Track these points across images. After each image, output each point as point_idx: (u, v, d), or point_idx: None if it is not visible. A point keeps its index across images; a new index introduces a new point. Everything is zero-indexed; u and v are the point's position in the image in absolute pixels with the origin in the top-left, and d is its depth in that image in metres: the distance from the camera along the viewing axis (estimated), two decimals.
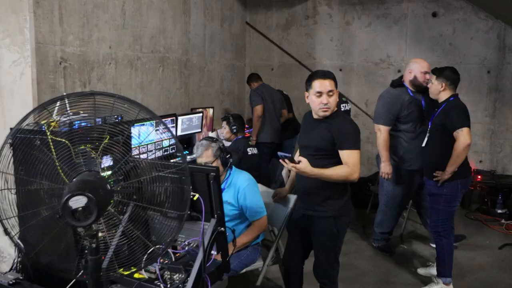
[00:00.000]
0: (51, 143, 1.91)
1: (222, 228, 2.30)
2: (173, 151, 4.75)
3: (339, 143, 2.69)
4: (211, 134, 5.57)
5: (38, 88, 3.37)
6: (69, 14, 3.59)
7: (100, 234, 1.74)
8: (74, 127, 2.58)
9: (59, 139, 1.95)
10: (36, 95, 3.35)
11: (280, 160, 2.65)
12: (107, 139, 2.59)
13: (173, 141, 4.75)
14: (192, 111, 5.34)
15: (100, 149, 2.25)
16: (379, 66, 6.48)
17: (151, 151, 4.41)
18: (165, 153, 4.63)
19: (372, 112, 6.69)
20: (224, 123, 4.38)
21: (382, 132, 4.07)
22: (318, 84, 2.70)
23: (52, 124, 2.16)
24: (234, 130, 4.31)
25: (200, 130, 5.34)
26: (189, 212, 2.40)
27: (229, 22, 6.51)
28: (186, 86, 5.50)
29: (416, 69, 4.01)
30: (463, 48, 5.94)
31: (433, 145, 3.56)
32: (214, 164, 2.88)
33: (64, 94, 1.68)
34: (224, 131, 4.38)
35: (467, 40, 5.94)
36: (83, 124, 2.52)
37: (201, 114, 5.30)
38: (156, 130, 4.47)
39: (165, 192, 1.91)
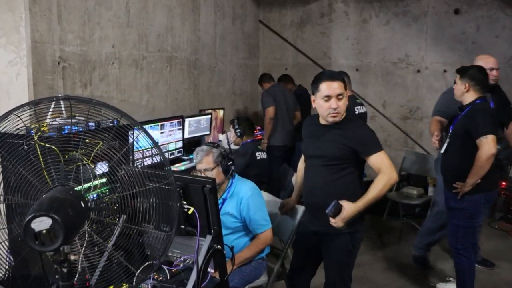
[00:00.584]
0: (38, 149, 1.74)
1: (219, 246, 2.10)
2: (180, 154, 4.57)
3: (364, 150, 2.48)
4: (221, 137, 5.37)
5: (35, 89, 3.21)
6: (68, 12, 3.42)
7: (73, 257, 1.55)
8: (63, 132, 2.40)
9: (47, 144, 1.78)
10: (32, 96, 3.19)
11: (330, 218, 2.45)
12: (100, 145, 2.40)
13: (180, 144, 4.57)
14: (201, 113, 5.15)
15: (91, 156, 2.08)
16: (398, 66, 6.21)
17: (155, 155, 4.22)
18: (171, 156, 4.45)
19: (390, 114, 6.53)
20: (230, 126, 4.18)
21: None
22: (326, 87, 2.47)
23: (43, 128, 1.99)
24: (238, 134, 4.09)
25: (208, 132, 5.14)
26: (183, 227, 2.22)
27: (241, 20, 6.30)
28: (195, 87, 5.31)
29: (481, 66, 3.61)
30: (487, 47, 5.60)
31: (453, 152, 3.24)
32: (214, 172, 2.68)
33: (34, 100, 1.50)
34: (231, 135, 4.17)
35: (491, 38, 5.62)
36: (74, 129, 2.34)
37: (209, 116, 5.11)
38: (162, 133, 4.30)
39: (150, 208, 1.71)
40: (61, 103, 1.65)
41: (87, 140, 1.99)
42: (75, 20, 3.49)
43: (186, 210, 2.13)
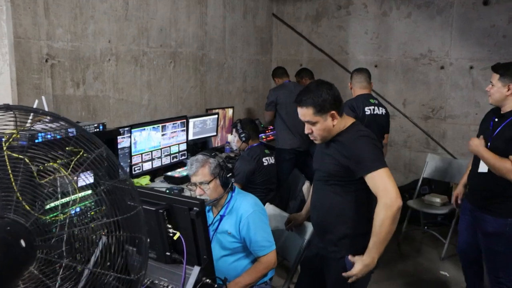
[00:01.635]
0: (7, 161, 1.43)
1: (208, 280, 1.78)
2: (183, 158, 4.26)
3: (356, 169, 2.12)
4: (230, 137, 5.03)
5: (19, 89, 2.93)
6: (57, 4, 3.12)
7: None
8: (36, 140, 2.09)
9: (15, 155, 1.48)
10: (16, 97, 2.91)
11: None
12: (81, 153, 2.10)
13: (184, 146, 4.25)
14: (207, 112, 4.83)
15: (70, 167, 1.76)
16: (419, 62, 5.79)
17: (157, 158, 3.93)
18: (174, 160, 4.15)
19: (411, 113, 6.12)
20: (234, 130, 3.83)
21: None
22: (298, 110, 2.24)
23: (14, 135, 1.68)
24: (243, 139, 3.75)
25: (215, 133, 4.82)
26: (168, 254, 1.90)
27: (253, 13, 5.95)
28: (202, 84, 5.00)
29: None
30: None
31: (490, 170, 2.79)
32: (211, 185, 2.36)
33: None
34: (234, 140, 3.83)
35: None
36: (49, 136, 2.04)
37: (216, 116, 4.78)
38: (163, 135, 3.99)
39: (108, 245, 1.39)
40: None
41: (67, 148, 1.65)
42: (65, 13, 3.19)
43: (171, 235, 1.81)
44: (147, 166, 3.82)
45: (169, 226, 1.80)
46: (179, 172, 3.88)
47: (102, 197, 1.40)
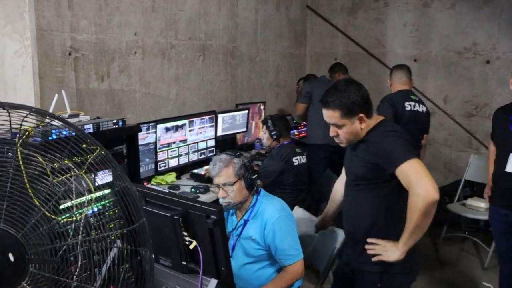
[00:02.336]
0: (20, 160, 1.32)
1: None
2: (212, 154, 4.12)
3: (386, 164, 1.92)
4: (261, 133, 4.84)
5: (42, 83, 2.84)
6: None
7: None
8: (50, 138, 1.98)
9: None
10: (38, 91, 2.82)
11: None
12: (97, 151, 1.97)
13: (212, 142, 4.11)
14: (237, 107, 4.67)
15: (86, 165, 1.65)
16: (463, 56, 5.46)
17: (184, 154, 3.81)
18: (201, 156, 4.01)
19: (452, 110, 5.78)
20: (264, 127, 3.65)
21: None
22: (323, 112, 2.07)
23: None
24: (275, 137, 3.56)
25: (245, 129, 4.66)
26: (184, 263, 1.75)
27: (286, 5, 5.75)
28: (232, 78, 4.84)
29: None
30: None
31: None
32: (236, 187, 2.20)
33: None
34: (264, 137, 3.65)
35: None
36: (64, 133, 1.93)
37: (246, 111, 4.62)
38: (190, 131, 3.86)
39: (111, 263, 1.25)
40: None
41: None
42: (89, 5, 3.08)
43: (187, 243, 1.67)
44: (173, 162, 3.70)
45: (185, 233, 1.66)
46: (206, 170, 3.75)
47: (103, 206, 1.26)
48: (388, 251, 1.93)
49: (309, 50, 6.49)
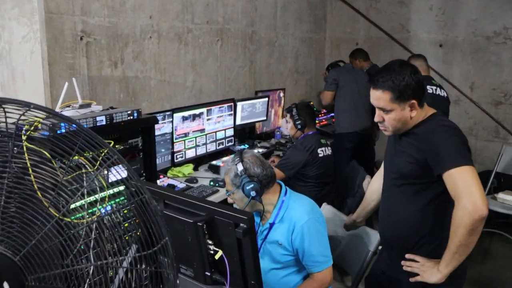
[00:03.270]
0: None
1: None
2: (230, 144, 3.93)
3: (434, 164, 1.70)
4: (283, 123, 4.63)
5: (51, 69, 2.66)
6: None
7: None
8: (59, 131, 1.80)
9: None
10: (47, 78, 2.64)
11: None
12: (111, 145, 1.79)
13: (230, 132, 3.92)
14: (256, 95, 4.47)
15: (98, 162, 1.47)
16: (492, 41, 5.18)
17: (202, 144, 3.62)
18: (220, 147, 3.82)
19: (479, 98, 5.50)
20: (288, 116, 3.43)
21: None
22: (370, 91, 1.83)
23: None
24: (299, 126, 3.34)
25: (265, 118, 4.46)
26: (208, 274, 1.57)
27: None
28: (251, 64, 4.63)
29: None
30: None
31: None
32: (235, 196, 2.03)
33: None
34: (288, 127, 3.43)
35: None
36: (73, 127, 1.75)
37: (266, 99, 4.41)
38: (208, 120, 3.67)
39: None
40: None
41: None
42: None
43: (212, 253, 1.48)
44: (190, 153, 3.52)
45: (210, 242, 1.47)
46: (225, 161, 3.56)
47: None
48: (428, 271, 1.74)
49: (329, 35, 6.25)
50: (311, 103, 5.50)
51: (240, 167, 1.96)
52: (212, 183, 3.14)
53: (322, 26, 6.07)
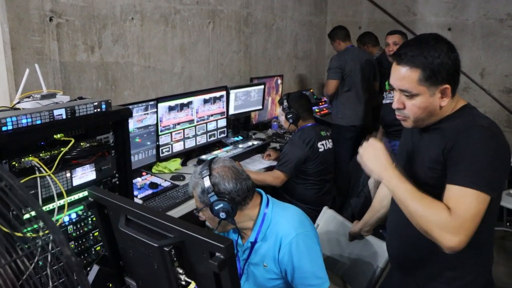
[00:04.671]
0: None
1: None
2: (223, 136, 3.63)
3: (449, 171, 1.38)
4: (279, 114, 4.29)
5: (15, 54, 2.35)
6: None
7: None
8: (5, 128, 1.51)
9: None
10: (10, 64, 2.33)
11: None
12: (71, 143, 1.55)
13: (223, 122, 3.61)
14: (252, 82, 4.15)
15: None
16: (505, 24, 4.88)
17: (192, 137, 3.32)
18: (211, 139, 3.52)
19: (490, 85, 5.16)
20: (280, 109, 3.10)
21: None
22: (392, 69, 1.47)
23: None
24: (291, 120, 3.00)
25: (261, 107, 4.14)
26: None
27: None
28: (246, 49, 4.30)
29: None
30: None
31: None
32: (205, 215, 1.69)
33: None
34: (281, 120, 3.11)
35: None
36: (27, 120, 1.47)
37: (262, 87, 4.09)
38: (198, 109, 3.35)
39: None
40: None
41: None
42: None
43: (183, 283, 1.19)
44: (178, 147, 3.21)
45: (180, 271, 1.17)
46: (216, 156, 3.26)
47: None
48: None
49: (330, 18, 5.95)
50: (311, 90, 5.21)
51: (207, 182, 1.61)
52: None
53: (323, 9, 5.75)
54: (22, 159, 1.55)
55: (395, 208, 1.58)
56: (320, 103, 5.07)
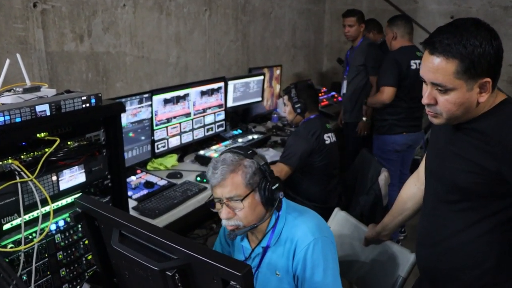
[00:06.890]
0: None
1: None
2: (221, 130, 3.45)
3: None
4: (281, 105, 4.09)
5: None
6: None
7: None
8: None
9: None
10: None
11: None
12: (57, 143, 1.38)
13: (221, 115, 3.43)
14: (251, 73, 3.96)
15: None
16: (510, 12, 4.77)
17: (188, 131, 3.13)
18: (208, 133, 3.34)
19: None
20: (286, 98, 2.90)
21: None
22: (422, 59, 1.29)
23: None
24: (299, 110, 2.81)
25: (260, 98, 3.96)
26: None
27: None
28: (244, 38, 4.10)
29: None
30: None
31: None
32: (247, 202, 1.46)
33: None
34: (286, 110, 2.91)
35: None
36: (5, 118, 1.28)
37: (261, 77, 3.90)
38: (195, 102, 3.17)
39: None
40: None
41: None
42: None
43: None
44: (174, 142, 3.03)
45: None
46: (214, 151, 3.08)
47: None
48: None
49: (328, 6, 5.77)
50: (311, 80, 5.02)
51: (260, 161, 1.48)
52: (199, 178, 2.66)
53: None
54: (0, 162, 1.36)
55: (427, 212, 1.41)
56: (320, 94, 4.89)
